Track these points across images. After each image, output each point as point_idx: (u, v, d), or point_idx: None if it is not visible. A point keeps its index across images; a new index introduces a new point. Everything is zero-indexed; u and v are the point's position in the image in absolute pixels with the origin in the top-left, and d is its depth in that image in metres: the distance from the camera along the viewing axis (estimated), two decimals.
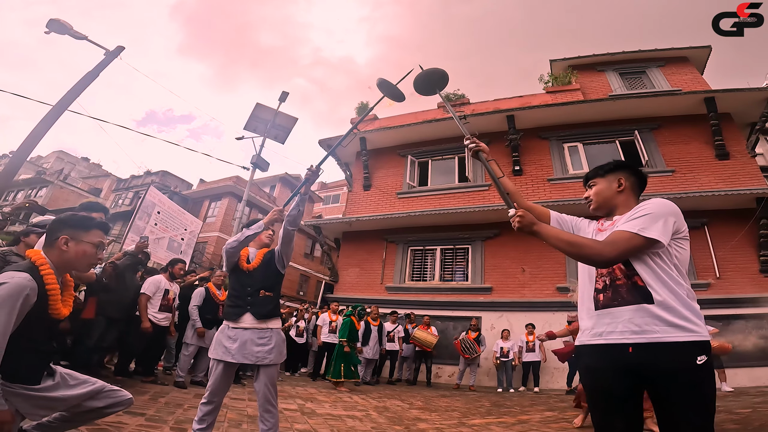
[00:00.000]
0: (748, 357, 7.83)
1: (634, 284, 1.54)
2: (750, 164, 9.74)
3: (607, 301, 1.59)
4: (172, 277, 5.61)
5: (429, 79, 2.62)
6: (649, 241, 1.50)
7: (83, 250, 1.85)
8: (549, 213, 1.95)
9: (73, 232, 1.83)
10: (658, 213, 1.54)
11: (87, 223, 1.89)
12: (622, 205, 1.73)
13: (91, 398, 1.90)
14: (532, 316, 9.20)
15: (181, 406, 3.88)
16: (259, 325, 2.66)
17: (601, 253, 1.53)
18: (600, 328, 1.59)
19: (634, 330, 1.49)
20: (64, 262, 1.83)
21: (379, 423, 4.19)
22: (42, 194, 29.88)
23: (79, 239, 1.84)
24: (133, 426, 2.85)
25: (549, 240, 1.63)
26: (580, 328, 1.73)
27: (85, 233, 1.86)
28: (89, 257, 1.88)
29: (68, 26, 8.15)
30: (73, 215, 1.93)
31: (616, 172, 1.78)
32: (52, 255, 1.81)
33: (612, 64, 13.20)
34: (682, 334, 1.43)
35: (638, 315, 1.49)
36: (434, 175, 12.59)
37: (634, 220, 1.55)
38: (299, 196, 2.79)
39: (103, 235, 1.94)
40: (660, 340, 1.44)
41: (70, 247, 1.82)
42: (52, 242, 1.82)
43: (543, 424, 4.64)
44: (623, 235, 1.53)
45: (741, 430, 3.78)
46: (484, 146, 2.11)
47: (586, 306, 1.68)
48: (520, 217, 1.65)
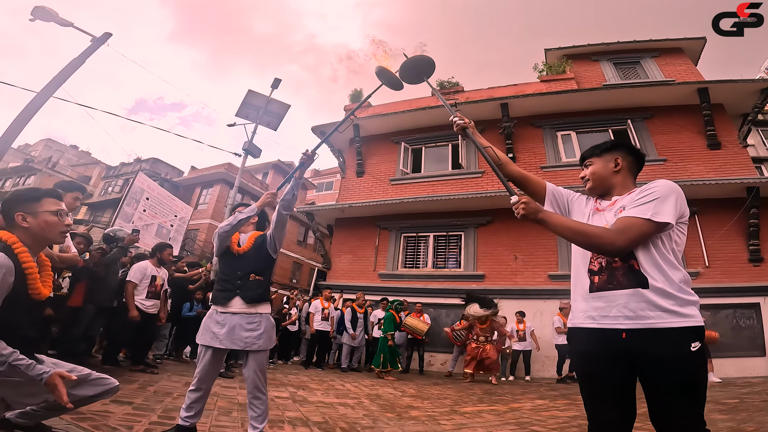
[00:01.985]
0: (735, 347, 7.99)
1: (630, 268, 1.50)
2: (741, 154, 9.84)
3: (602, 284, 1.55)
4: (161, 262, 5.53)
5: (416, 66, 2.53)
6: (661, 226, 1.46)
7: (44, 221, 1.82)
8: (545, 184, 1.87)
9: (24, 206, 1.80)
10: (666, 195, 1.49)
11: (34, 194, 1.86)
12: (619, 185, 1.69)
13: (77, 386, 1.87)
14: (524, 304, 9.24)
15: (170, 394, 3.84)
16: (249, 310, 2.61)
17: (613, 242, 1.48)
18: (593, 311, 1.55)
19: (628, 315, 1.46)
20: (34, 238, 1.80)
21: (371, 410, 4.18)
22: (30, 182, 29.55)
23: (34, 212, 1.81)
24: (119, 415, 2.80)
25: (555, 229, 1.58)
26: (573, 309, 1.69)
27: (37, 204, 1.83)
28: (56, 225, 1.86)
29: (53, 13, 7.94)
30: (18, 191, 1.90)
31: (613, 151, 1.74)
32: (18, 234, 1.77)
33: (606, 53, 13.23)
34: (677, 320, 1.40)
35: (633, 300, 1.46)
36: (428, 162, 12.55)
37: (645, 205, 1.49)
38: (294, 181, 2.75)
39: (56, 201, 1.90)
40: (654, 326, 1.41)
41: (30, 221, 1.79)
42: (12, 222, 1.79)
43: (534, 412, 4.66)
44: (635, 222, 1.47)
45: (728, 421, 3.80)
46: (469, 122, 2.04)
47: (580, 288, 1.64)
48: (525, 204, 1.59)
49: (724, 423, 3.69)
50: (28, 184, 29.47)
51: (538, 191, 1.86)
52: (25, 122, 7.56)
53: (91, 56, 8.58)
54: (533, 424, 3.88)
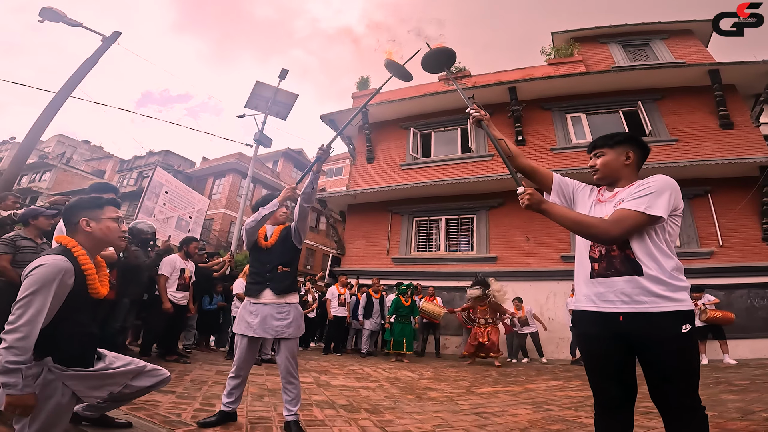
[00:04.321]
0: (750, 328, 7.90)
1: (626, 256, 1.63)
2: (754, 133, 9.75)
3: (602, 271, 1.69)
4: (187, 255, 5.73)
5: (437, 58, 2.68)
6: (654, 219, 1.58)
7: (107, 227, 1.95)
8: (552, 175, 1.98)
9: (88, 212, 1.92)
10: (661, 190, 1.60)
11: (98, 202, 1.98)
12: (625, 177, 1.78)
13: (135, 377, 2.04)
14: (537, 285, 9.36)
15: (205, 382, 4.08)
16: (278, 300, 2.79)
17: (608, 232, 1.61)
18: (594, 295, 1.69)
19: (624, 300, 1.60)
20: (94, 242, 1.91)
21: (391, 393, 4.38)
22: (46, 178, 30.01)
23: (98, 218, 1.93)
24: (166, 403, 3.04)
25: (556, 219, 1.72)
26: (576, 293, 1.83)
27: (100, 211, 1.95)
28: (115, 231, 1.98)
29: (62, 14, 8.08)
30: (82, 198, 2.01)
31: (626, 144, 1.80)
32: (79, 238, 1.88)
33: (614, 36, 13.08)
34: (669, 305, 1.54)
35: (629, 286, 1.59)
36: (437, 147, 12.59)
37: (640, 198, 1.61)
38: (312, 174, 2.88)
39: (116, 210, 2.03)
40: (648, 310, 1.55)
41: (93, 227, 1.90)
42: (74, 227, 1.91)
43: (549, 392, 4.81)
44: (629, 213, 1.59)
45: (737, 401, 3.88)
46: (485, 114, 2.16)
47: (583, 273, 1.78)
48: (530, 195, 1.72)
49: (734, 403, 3.77)
50: (44, 180, 30.00)
51: (545, 182, 1.99)
52: (48, 122, 7.85)
53: (103, 55, 8.77)
54: (548, 404, 4.05)
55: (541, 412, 3.65)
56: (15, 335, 1.52)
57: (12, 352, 1.51)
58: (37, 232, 3.99)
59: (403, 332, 7.98)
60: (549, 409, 3.79)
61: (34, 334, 1.57)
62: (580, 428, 3.07)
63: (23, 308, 1.56)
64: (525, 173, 2.06)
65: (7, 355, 1.51)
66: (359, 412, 3.35)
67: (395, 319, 8.06)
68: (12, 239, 3.79)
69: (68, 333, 1.72)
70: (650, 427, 2.91)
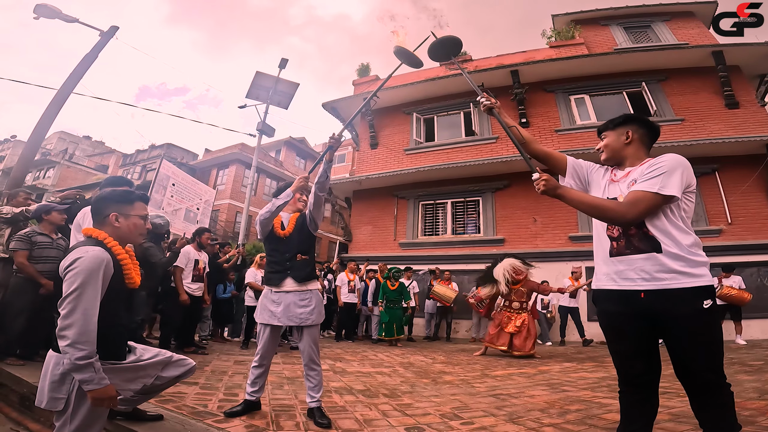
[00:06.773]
0: (761, 308, 7.84)
1: (645, 234, 1.65)
2: (760, 113, 9.76)
3: (621, 249, 1.71)
4: (200, 246, 5.78)
5: (444, 46, 2.68)
6: (668, 198, 1.60)
7: (133, 224, 1.90)
8: (566, 158, 2.00)
9: (119, 207, 1.87)
10: (672, 169, 1.62)
11: (130, 197, 1.93)
12: (631, 156, 1.81)
13: (164, 368, 2.04)
14: (545, 266, 9.32)
15: (225, 373, 4.15)
16: (300, 288, 2.82)
17: (624, 215, 1.63)
18: (614, 274, 1.71)
19: (645, 277, 1.61)
20: (119, 237, 1.86)
21: (407, 377, 4.45)
22: (50, 175, 30.06)
23: (127, 213, 1.88)
24: (192, 395, 3.10)
25: (572, 203, 1.73)
26: (596, 272, 1.84)
27: (130, 207, 1.90)
28: (140, 228, 1.94)
29: (57, 10, 8.00)
30: (114, 191, 1.96)
31: (625, 125, 1.85)
32: (107, 231, 1.84)
33: (616, 18, 12.98)
34: (689, 280, 1.56)
35: (649, 263, 1.61)
36: (440, 131, 12.54)
37: (653, 179, 1.62)
38: (324, 163, 2.88)
39: (145, 206, 2.00)
40: (669, 286, 1.57)
41: (121, 222, 1.86)
42: (102, 220, 1.86)
43: (563, 374, 4.88)
44: (644, 195, 1.61)
45: (754, 381, 3.92)
46: (495, 101, 2.18)
47: (602, 252, 1.79)
48: (545, 181, 1.74)
49: (750, 383, 3.83)
50: (48, 176, 30.05)
51: (560, 165, 2.01)
52: (52, 118, 7.86)
53: (102, 50, 8.71)
54: (564, 385, 4.11)
55: (557, 393, 3.70)
56: (73, 330, 1.50)
57: (77, 348, 1.49)
58: (52, 228, 4.04)
59: (393, 317, 7.88)
60: (565, 390, 3.84)
61: (93, 325, 1.55)
62: (599, 408, 3.12)
63: (74, 301, 1.53)
64: (539, 158, 2.07)
65: (73, 352, 1.49)
66: (378, 397, 3.41)
67: (384, 305, 7.98)
68: (28, 235, 3.83)
69: (105, 325, 1.66)
70: (670, 406, 2.96)
